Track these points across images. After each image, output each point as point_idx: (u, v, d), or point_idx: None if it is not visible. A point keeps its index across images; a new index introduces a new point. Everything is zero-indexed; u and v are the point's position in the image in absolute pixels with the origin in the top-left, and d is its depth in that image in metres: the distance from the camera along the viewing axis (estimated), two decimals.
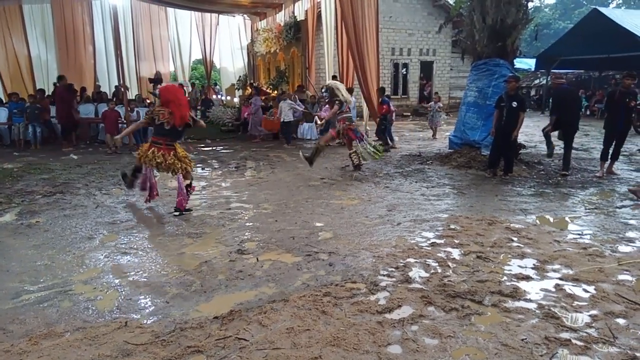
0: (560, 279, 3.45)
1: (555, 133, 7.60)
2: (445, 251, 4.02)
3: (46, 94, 12.91)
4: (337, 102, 7.51)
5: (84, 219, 5.11)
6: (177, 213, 5.30)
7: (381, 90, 11.57)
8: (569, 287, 3.30)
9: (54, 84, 12.93)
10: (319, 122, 8.06)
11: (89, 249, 4.21)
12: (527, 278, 3.47)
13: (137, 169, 5.67)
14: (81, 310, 3.02)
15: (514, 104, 6.77)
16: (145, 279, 3.52)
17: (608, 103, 7.38)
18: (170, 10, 18.58)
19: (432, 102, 13.03)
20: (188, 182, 5.52)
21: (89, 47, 16.54)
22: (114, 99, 12.02)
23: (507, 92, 6.89)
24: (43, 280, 3.52)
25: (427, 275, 3.52)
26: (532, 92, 24.56)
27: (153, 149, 5.30)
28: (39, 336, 2.69)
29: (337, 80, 11.50)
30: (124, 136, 6.39)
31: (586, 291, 3.24)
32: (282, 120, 11.37)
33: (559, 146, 7.70)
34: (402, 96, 20.42)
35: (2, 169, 8.16)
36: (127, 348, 2.55)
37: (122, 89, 11.28)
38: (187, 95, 8.73)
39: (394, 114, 11.72)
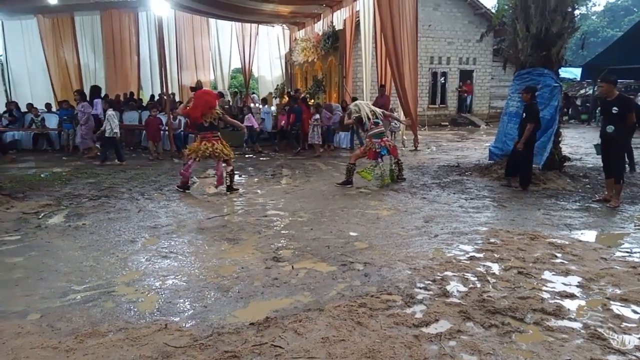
0: (608, 298, 3.29)
1: None
2: (484, 265, 3.92)
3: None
4: (354, 117, 7.46)
5: (127, 223, 5.30)
6: (228, 192, 6.87)
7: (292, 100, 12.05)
8: (617, 308, 3.14)
9: (292, 96, 13.45)
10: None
11: (131, 251, 4.35)
12: (572, 296, 3.33)
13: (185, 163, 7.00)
14: (124, 311, 3.12)
15: (523, 115, 6.83)
16: (184, 283, 3.61)
17: None
18: (212, 20, 19.10)
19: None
20: (231, 168, 6.95)
21: (134, 57, 17.17)
22: (159, 107, 12.41)
23: (524, 104, 6.97)
24: (88, 280, 3.66)
25: (466, 289, 3.43)
26: (578, 103, 23.69)
27: (204, 142, 6.70)
28: (84, 335, 2.79)
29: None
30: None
31: (635, 312, 3.08)
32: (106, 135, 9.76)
33: None
34: (440, 105, 20.17)
35: (52, 172, 8.59)
36: (166, 350, 2.62)
37: (165, 98, 11.66)
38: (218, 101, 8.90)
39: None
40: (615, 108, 5.81)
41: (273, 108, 16.78)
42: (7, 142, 12.09)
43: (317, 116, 11.15)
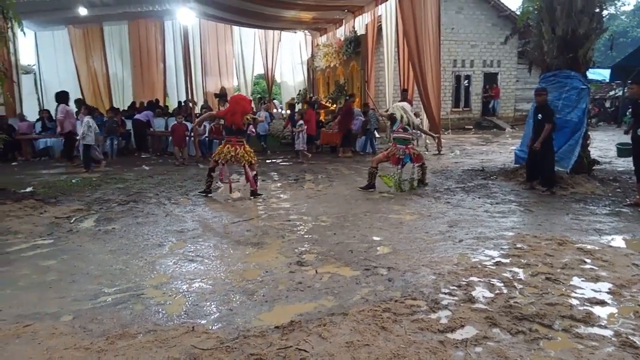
0: None
1: None
2: (511, 271, 3.86)
3: (121, 109, 14.01)
4: (389, 113, 7.56)
5: (154, 227, 5.43)
6: (252, 197, 6.95)
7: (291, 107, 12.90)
8: None
9: (345, 99, 13.38)
10: None
11: (159, 255, 4.46)
12: (602, 303, 3.25)
13: (211, 170, 7.05)
14: (152, 314, 3.20)
15: (539, 116, 6.80)
16: (210, 286, 3.67)
17: None
18: (235, 28, 19.37)
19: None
20: (254, 172, 7.03)
21: (160, 64, 17.59)
22: (185, 113, 12.64)
23: (536, 105, 6.99)
24: (118, 283, 3.76)
25: (492, 295, 3.39)
26: (607, 104, 23.09)
27: (227, 145, 6.84)
28: (114, 336, 2.87)
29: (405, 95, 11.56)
30: (199, 122, 8.77)
31: None
32: (81, 143, 9.77)
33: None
34: (464, 109, 19.96)
35: (82, 178, 8.86)
36: (194, 352, 2.67)
37: (190, 104, 11.89)
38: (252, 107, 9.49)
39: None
40: None
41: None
42: (40, 148, 12.54)
43: (301, 122, 11.09)
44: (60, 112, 10.43)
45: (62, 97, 10.65)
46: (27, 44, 16.87)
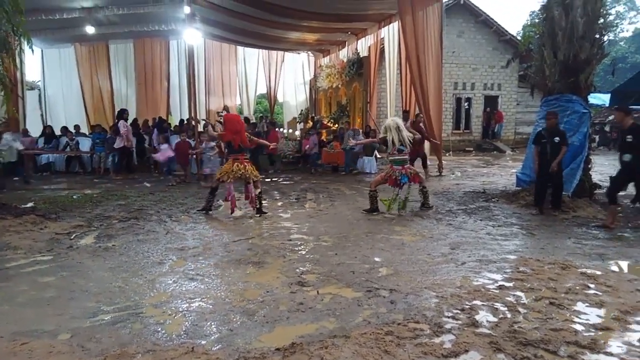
0: None
1: None
2: (514, 295, 3.82)
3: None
4: (381, 137, 7.30)
5: (155, 245, 5.39)
6: (258, 215, 6.95)
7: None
8: None
9: (416, 117, 12.92)
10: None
11: (159, 273, 4.42)
12: (607, 329, 3.21)
13: (214, 189, 7.08)
14: (151, 333, 3.15)
15: (556, 139, 6.78)
16: (210, 306, 3.63)
17: None
18: (239, 47, 19.61)
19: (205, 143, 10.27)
20: (258, 190, 7.04)
21: (164, 83, 17.75)
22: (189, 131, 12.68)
23: (546, 128, 6.93)
24: (117, 301, 3.72)
25: (496, 319, 3.35)
26: (607, 129, 23.20)
27: (236, 163, 6.82)
28: (113, 355, 2.83)
29: (405, 116, 11.40)
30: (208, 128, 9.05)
31: None
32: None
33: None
34: (465, 131, 20.05)
35: (83, 194, 8.85)
36: None
37: (194, 123, 11.96)
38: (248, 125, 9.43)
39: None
40: (629, 136, 5.86)
41: (297, 132, 17.01)
42: (42, 164, 12.58)
43: (213, 144, 10.17)
44: (122, 127, 11.52)
45: (120, 113, 12.07)
46: (33, 60, 16.98)
